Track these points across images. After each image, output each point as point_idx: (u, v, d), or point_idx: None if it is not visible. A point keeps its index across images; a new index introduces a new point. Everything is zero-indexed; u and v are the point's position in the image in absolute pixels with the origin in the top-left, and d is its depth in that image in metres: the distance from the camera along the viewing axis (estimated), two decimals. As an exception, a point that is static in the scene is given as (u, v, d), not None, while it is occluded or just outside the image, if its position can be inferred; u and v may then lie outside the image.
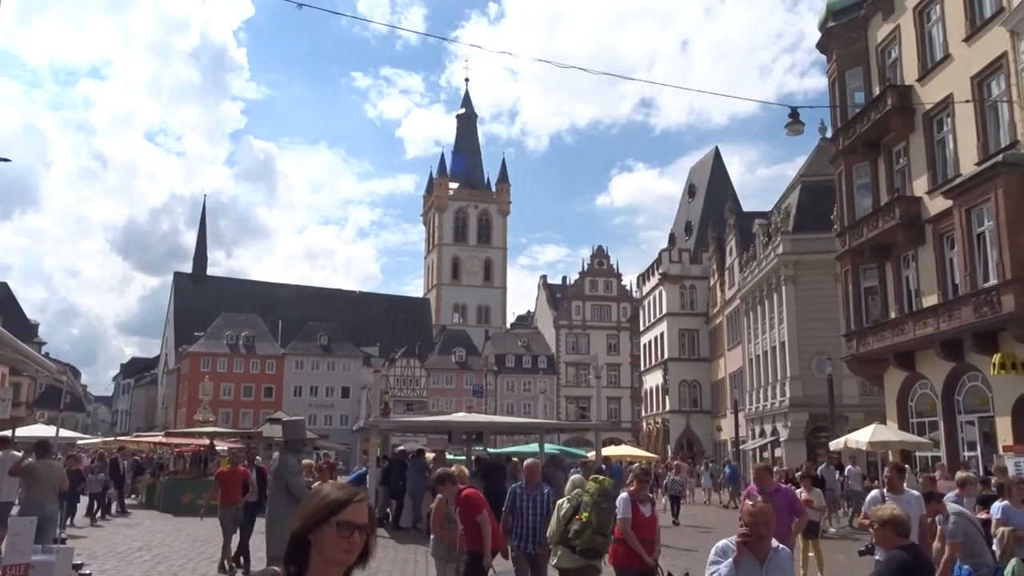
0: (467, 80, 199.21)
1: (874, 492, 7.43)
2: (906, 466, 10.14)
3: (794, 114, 16.22)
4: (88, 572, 7.99)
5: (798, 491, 11.68)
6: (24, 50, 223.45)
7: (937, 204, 24.08)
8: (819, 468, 24.33)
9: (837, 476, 25.36)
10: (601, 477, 8.31)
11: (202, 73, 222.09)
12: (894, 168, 27.15)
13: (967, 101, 22.44)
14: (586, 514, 7.79)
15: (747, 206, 64.16)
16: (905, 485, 8.28)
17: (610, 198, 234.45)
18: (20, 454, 12.68)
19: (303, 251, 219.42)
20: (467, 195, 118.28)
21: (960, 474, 10.60)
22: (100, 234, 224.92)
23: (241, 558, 12.99)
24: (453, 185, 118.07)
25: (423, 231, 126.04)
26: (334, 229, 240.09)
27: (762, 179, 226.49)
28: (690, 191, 76.66)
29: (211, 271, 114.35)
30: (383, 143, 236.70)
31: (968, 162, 22.66)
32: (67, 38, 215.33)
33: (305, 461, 19.54)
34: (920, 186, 25.37)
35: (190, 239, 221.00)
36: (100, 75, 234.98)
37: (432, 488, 20.49)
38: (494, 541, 7.90)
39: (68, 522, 18.35)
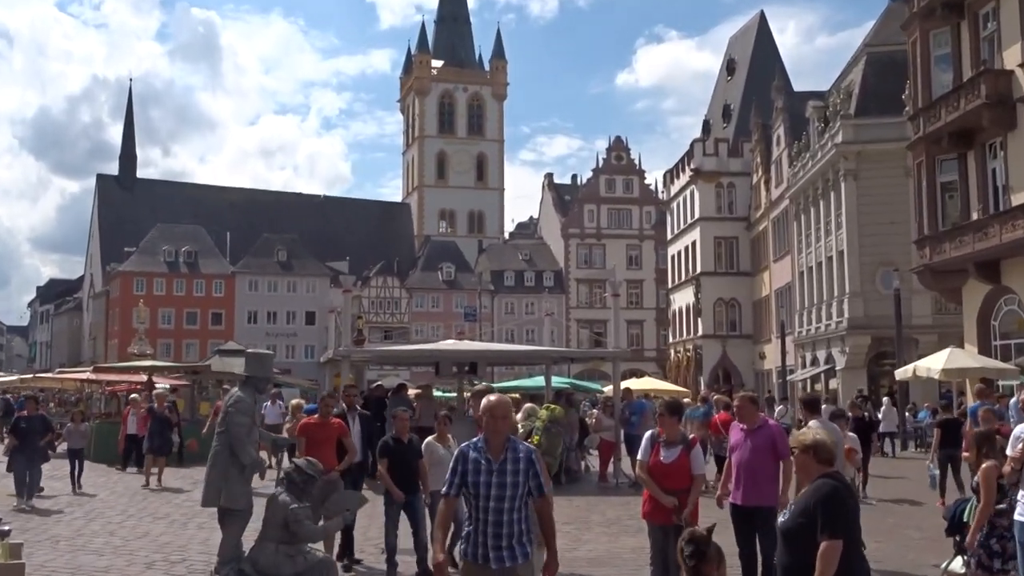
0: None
1: (1020, 427, 7.34)
2: None
3: (858, -34, 15.88)
4: (7, 528, 8.15)
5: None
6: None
7: (1033, 79, 23.81)
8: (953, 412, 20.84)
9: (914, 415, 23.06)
10: (553, 406, 9.25)
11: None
12: (981, 35, 26.73)
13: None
14: (536, 437, 8.71)
15: (799, 85, 63.49)
16: None
17: (634, 76, 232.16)
18: None
19: (256, 147, 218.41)
20: (454, 75, 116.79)
21: None
22: (6, 128, 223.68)
23: (345, 553, 11.08)
24: (437, 63, 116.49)
25: (401, 121, 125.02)
26: (293, 119, 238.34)
27: (821, 50, 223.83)
28: (729, 67, 75.67)
29: (143, 173, 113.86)
30: (351, 11, 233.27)
31: (1073, 25, 22.32)
32: None
33: (295, 401, 19.65)
34: (1012, 57, 25.03)
35: (116, 134, 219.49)
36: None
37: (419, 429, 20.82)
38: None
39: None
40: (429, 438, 10.82)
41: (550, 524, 5.87)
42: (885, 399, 30.39)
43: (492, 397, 6.05)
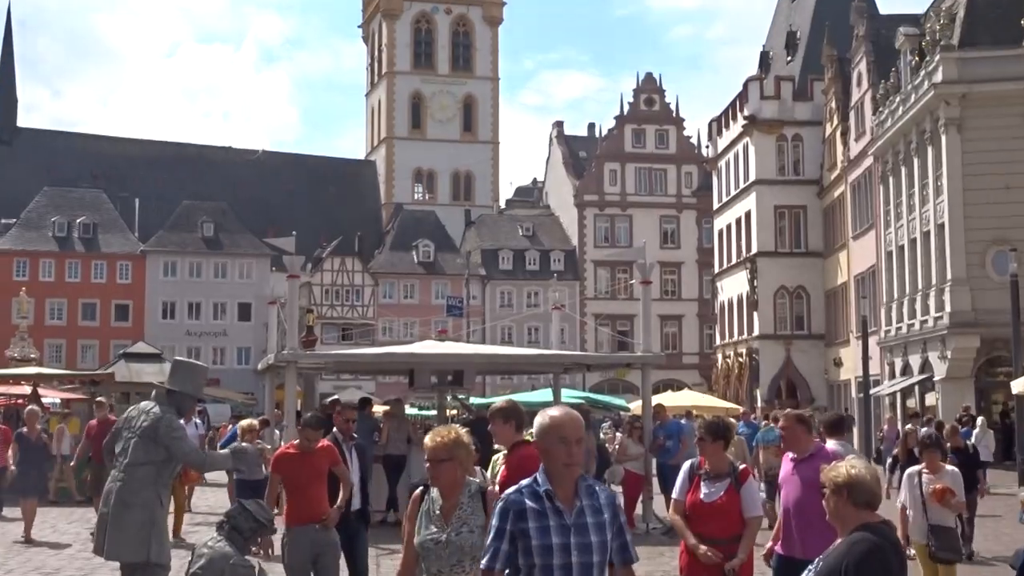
0: None
1: None
2: None
3: None
4: None
5: (916, 471, 11.14)
6: None
7: None
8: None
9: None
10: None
11: None
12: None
13: None
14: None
15: (887, 6, 63.55)
16: None
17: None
18: None
19: (174, 86, 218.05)
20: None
21: None
22: None
23: None
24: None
25: (364, 52, 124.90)
26: (223, 49, 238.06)
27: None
28: (795, -18, 75.70)
29: (25, 121, 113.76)
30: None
31: None
32: None
33: (245, 422, 19.77)
34: None
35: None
36: None
37: (390, 459, 20.89)
38: None
39: None
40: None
41: None
42: (980, 419, 30.43)
43: (556, 411, 5.09)
